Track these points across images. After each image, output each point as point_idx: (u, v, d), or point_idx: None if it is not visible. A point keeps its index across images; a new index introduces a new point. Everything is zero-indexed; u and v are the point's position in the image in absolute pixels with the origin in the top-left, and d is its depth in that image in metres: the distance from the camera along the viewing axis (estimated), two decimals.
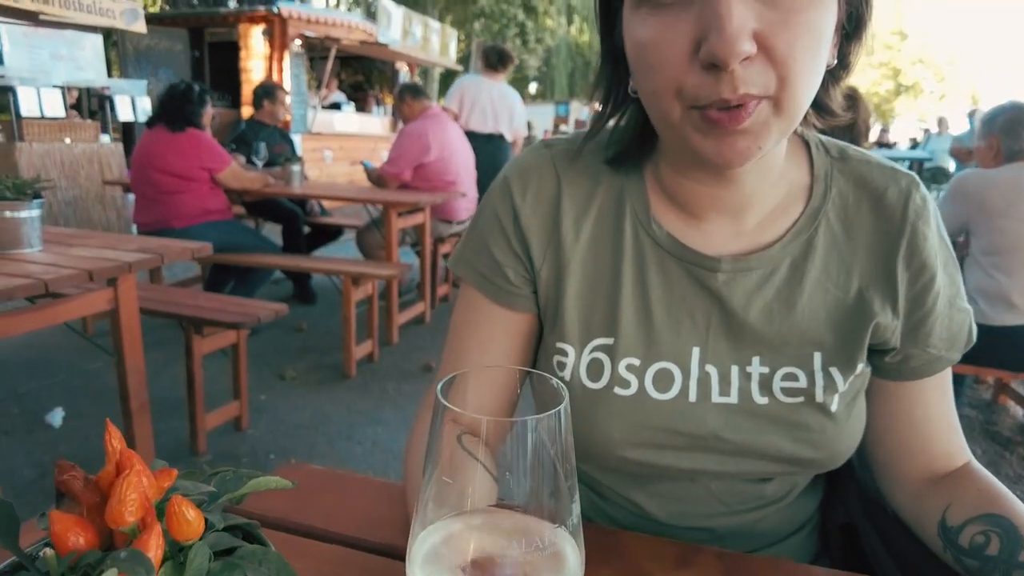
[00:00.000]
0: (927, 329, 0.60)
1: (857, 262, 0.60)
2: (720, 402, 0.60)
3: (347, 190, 3.98)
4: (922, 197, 0.60)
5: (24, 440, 2.35)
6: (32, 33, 5.01)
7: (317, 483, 0.69)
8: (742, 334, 0.60)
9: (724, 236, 0.61)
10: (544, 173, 0.64)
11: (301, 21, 8.03)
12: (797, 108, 0.49)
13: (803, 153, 0.63)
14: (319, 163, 8.44)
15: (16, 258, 1.69)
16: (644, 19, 0.49)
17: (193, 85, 3.20)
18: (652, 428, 0.60)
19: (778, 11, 0.45)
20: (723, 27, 0.43)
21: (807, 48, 0.46)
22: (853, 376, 0.60)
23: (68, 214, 4.91)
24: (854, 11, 0.52)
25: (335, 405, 2.73)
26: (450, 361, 0.67)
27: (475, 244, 0.66)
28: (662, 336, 0.61)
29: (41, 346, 3.19)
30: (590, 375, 0.61)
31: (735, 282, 0.59)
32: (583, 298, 0.62)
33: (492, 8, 21.54)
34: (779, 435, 0.59)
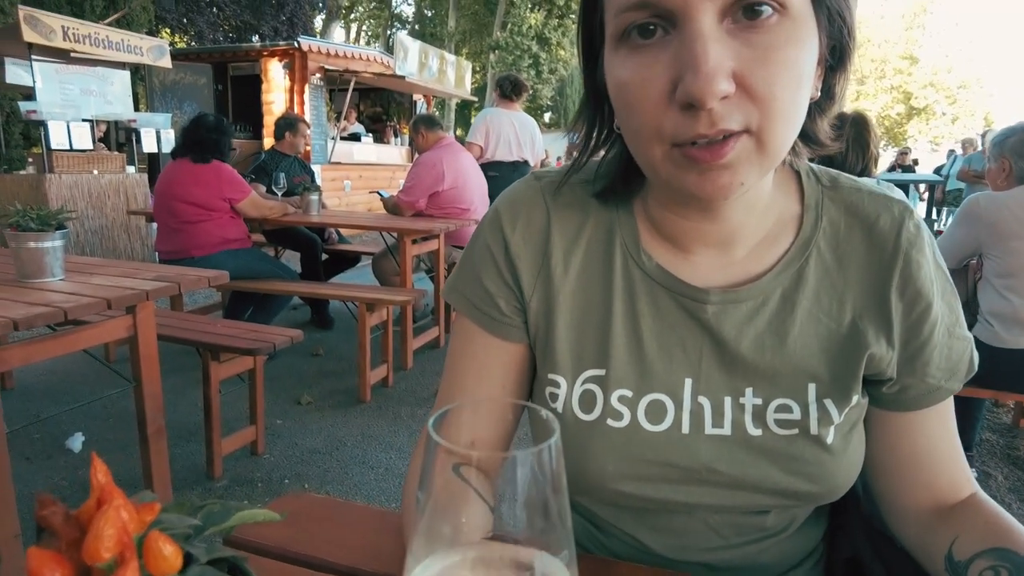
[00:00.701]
0: (925, 359, 0.59)
1: (850, 292, 0.59)
2: (713, 434, 0.59)
3: (363, 218, 4.04)
4: (916, 224, 0.59)
5: (44, 465, 2.38)
6: (64, 70, 5.19)
7: (318, 512, 0.70)
8: (734, 365, 0.59)
9: (713, 268, 0.60)
10: (534, 205, 0.64)
11: (321, 55, 8.24)
12: (779, 144, 0.49)
13: (793, 183, 0.62)
14: (339, 192, 8.58)
15: (39, 287, 1.73)
16: (623, 59, 0.49)
17: (220, 117, 3.29)
18: (645, 461, 0.59)
19: (755, 49, 0.45)
20: (699, 67, 0.43)
21: (787, 85, 0.46)
22: (848, 408, 0.59)
23: (94, 243, 5.03)
24: (836, 44, 0.52)
25: (350, 430, 2.74)
26: (447, 391, 0.67)
27: (467, 274, 0.66)
28: (654, 367, 0.60)
29: (63, 372, 3.25)
30: (583, 407, 0.61)
31: (725, 313, 0.59)
32: (574, 329, 0.62)
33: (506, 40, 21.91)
34: (774, 468, 0.58)
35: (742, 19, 0.45)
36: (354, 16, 26.57)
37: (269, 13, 14.13)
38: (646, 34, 0.47)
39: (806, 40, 0.47)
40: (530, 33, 22.27)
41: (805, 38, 0.47)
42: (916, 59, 32.36)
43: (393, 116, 11.41)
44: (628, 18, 0.47)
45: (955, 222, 2.28)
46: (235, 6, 13.89)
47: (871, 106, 32.42)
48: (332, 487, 2.31)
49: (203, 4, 13.55)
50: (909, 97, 32.07)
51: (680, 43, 0.45)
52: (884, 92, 32.58)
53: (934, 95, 31.91)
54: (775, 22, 0.45)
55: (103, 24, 5.84)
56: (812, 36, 0.48)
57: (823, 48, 0.50)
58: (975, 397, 2.31)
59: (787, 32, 0.46)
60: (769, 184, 0.58)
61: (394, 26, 27.16)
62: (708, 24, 0.44)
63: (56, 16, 4.99)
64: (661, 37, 0.47)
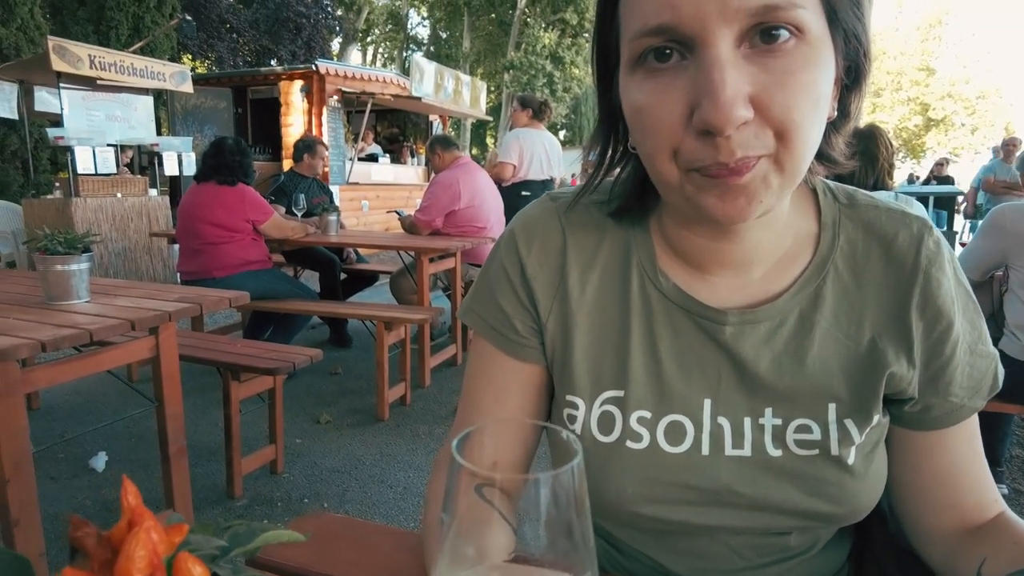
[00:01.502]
0: (948, 378, 0.58)
1: (868, 311, 0.58)
2: (733, 455, 0.58)
3: (381, 237, 4.08)
4: (935, 241, 0.58)
5: (69, 485, 2.41)
6: (90, 97, 5.33)
7: (338, 532, 0.70)
8: (753, 386, 0.59)
9: (730, 288, 0.60)
10: (549, 226, 0.64)
11: (338, 78, 8.38)
12: (798, 166, 0.48)
13: (810, 201, 0.62)
14: (357, 212, 8.67)
15: (65, 309, 1.77)
16: (640, 83, 0.48)
17: (240, 140, 3.36)
18: (665, 483, 0.59)
19: (773, 74, 0.45)
20: (716, 95, 0.43)
21: (805, 108, 0.46)
22: (869, 428, 0.58)
23: (118, 264, 5.13)
24: (852, 64, 0.52)
25: (368, 448, 2.74)
26: (465, 412, 0.67)
27: (484, 296, 0.66)
28: (673, 388, 0.60)
29: (88, 392, 3.30)
30: (601, 429, 0.60)
31: (743, 334, 0.58)
32: (591, 350, 0.62)
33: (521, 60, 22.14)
34: (795, 489, 0.57)
35: (759, 43, 0.45)
36: (370, 39, 27.02)
37: (287, 37, 14.43)
38: (662, 58, 0.47)
39: (823, 63, 0.47)
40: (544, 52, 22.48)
41: (822, 61, 0.47)
42: (933, 70, 32.14)
43: (410, 136, 11.55)
44: (645, 43, 0.47)
45: (980, 233, 2.25)
46: (254, 31, 14.21)
47: (888, 118, 32.21)
48: (351, 506, 2.31)
49: (223, 30, 13.88)
50: (927, 109, 31.82)
51: (697, 68, 0.45)
52: (901, 104, 32.37)
53: (952, 106, 31.62)
54: (792, 46, 0.45)
55: (128, 52, 6.00)
56: (829, 58, 0.48)
57: (839, 68, 0.50)
58: (1004, 412, 2.26)
59: (804, 56, 0.45)
60: (787, 203, 0.58)
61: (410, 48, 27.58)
62: (725, 50, 0.44)
63: (83, 45, 5.13)
64: (678, 61, 0.47)
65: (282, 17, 14.29)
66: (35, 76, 5.40)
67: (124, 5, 8.04)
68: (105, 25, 7.99)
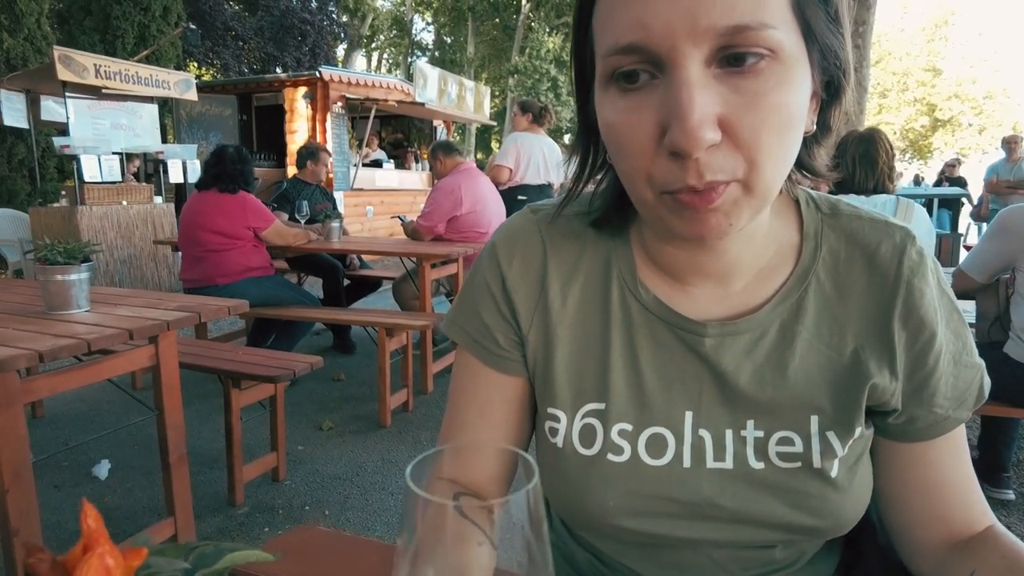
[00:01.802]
0: (931, 389, 0.57)
1: (851, 321, 0.58)
2: (715, 467, 0.58)
3: (383, 243, 4.09)
4: (918, 252, 0.58)
5: (72, 493, 2.42)
6: (96, 106, 5.37)
7: (327, 546, 0.70)
8: (735, 398, 0.58)
9: (710, 300, 0.60)
10: (530, 238, 0.64)
11: (342, 84, 8.41)
12: (768, 188, 0.48)
13: (792, 211, 0.62)
14: (361, 218, 8.69)
15: (65, 319, 1.77)
16: (613, 100, 0.48)
17: (240, 147, 3.37)
18: (647, 496, 0.58)
19: (743, 95, 0.44)
20: (685, 117, 0.43)
21: (774, 129, 0.45)
22: (852, 440, 0.57)
23: (123, 272, 5.15)
24: (831, 78, 0.51)
25: (370, 455, 2.74)
26: (450, 426, 0.67)
27: (466, 308, 0.66)
28: (654, 400, 0.59)
29: (92, 400, 3.31)
30: (583, 441, 0.60)
31: (724, 346, 0.58)
32: (572, 363, 0.62)
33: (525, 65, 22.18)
34: (777, 502, 0.57)
35: (730, 64, 0.44)
36: (375, 45, 27.14)
37: (292, 44, 14.51)
38: (633, 79, 0.47)
39: (796, 81, 0.46)
40: (548, 57, 22.53)
41: (795, 79, 0.46)
42: (939, 71, 31.98)
43: (414, 142, 11.58)
44: (616, 61, 0.47)
45: (986, 235, 2.23)
46: (259, 39, 14.29)
47: (894, 119, 32.06)
48: (352, 513, 2.30)
49: (228, 38, 13.97)
50: (933, 109, 31.65)
51: (667, 89, 0.45)
52: (907, 105, 32.20)
53: (959, 106, 31.44)
54: (764, 66, 0.44)
55: (133, 60, 6.04)
56: (803, 75, 0.47)
57: (816, 83, 0.50)
58: (1011, 418, 2.24)
59: (776, 76, 0.45)
60: (766, 216, 0.58)
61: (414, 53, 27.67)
62: (695, 71, 0.44)
63: (89, 55, 5.17)
64: (648, 81, 0.46)
65: (287, 24, 14.37)
66: (42, 85, 5.44)
67: (130, 14, 8.10)
68: (111, 34, 8.06)
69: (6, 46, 6.32)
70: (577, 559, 0.70)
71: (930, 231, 2.11)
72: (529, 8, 23.26)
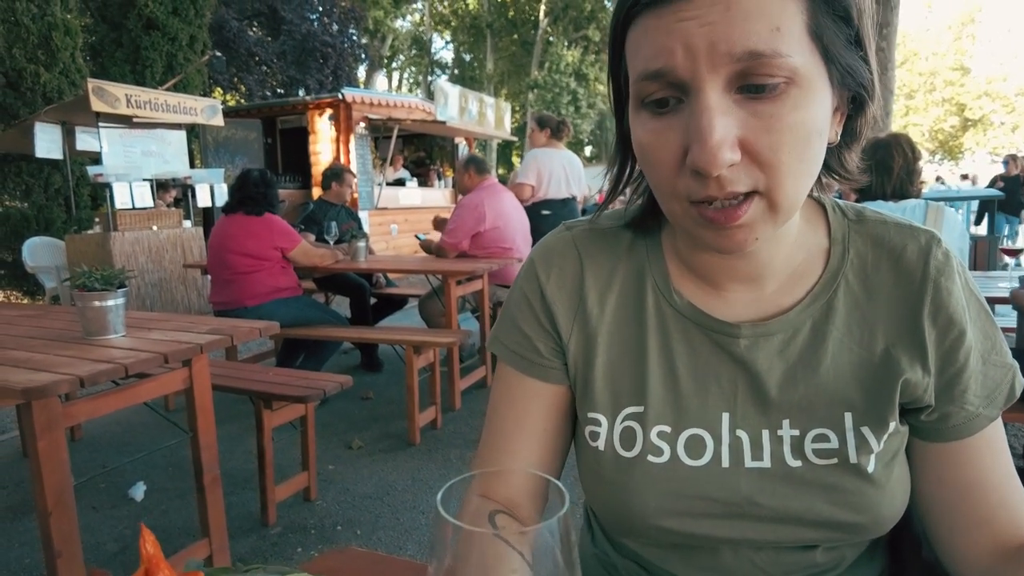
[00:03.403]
0: (962, 386, 0.58)
1: (880, 321, 0.60)
2: (753, 467, 0.59)
3: (408, 262, 4.12)
4: (944, 253, 0.60)
5: (109, 514, 2.46)
6: (127, 134, 5.52)
7: (362, 567, 0.70)
8: (769, 398, 0.60)
9: (744, 303, 0.62)
10: (566, 254, 0.67)
11: (364, 105, 8.53)
12: (791, 202, 0.51)
13: (820, 216, 0.64)
14: (386, 236, 8.79)
15: (102, 344, 1.81)
16: (644, 121, 0.52)
17: (265, 171, 3.43)
18: (687, 496, 0.60)
19: (761, 118, 0.47)
20: (705, 140, 0.46)
21: (793, 148, 0.48)
22: (887, 435, 0.59)
23: (154, 295, 5.26)
24: (855, 93, 0.53)
25: (400, 474, 2.75)
26: (489, 440, 0.69)
27: (506, 323, 0.69)
28: (690, 402, 0.62)
29: (127, 422, 3.38)
30: (623, 444, 0.62)
31: (757, 347, 0.60)
32: (611, 368, 0.64)
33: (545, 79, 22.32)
34: (816, 499, 0.58)
35: (750, 89, 0.47)
36: (395, 65, 27.53)
37: (314, 67, 14.78)
38: (662, 104, 0.50)
39: (815, 102, 0.49)
40: (568, 70, 22.64)
41: (814, 100, 0.48)
42: (967, 69, 31.40)
43: (436, 159, 11.69)
44: (646, 88, 0.50)
45: None
46: (282, 63, 14.59)
47: (922, 120, 31.52)
48: (383, 533, 2.31)
49: (252, 63, 14.29)
50: (963, 109, 31.04)
51: (690, 113, 0.48)
52: (935, 105, 31.64)
53: (990, 105, 30.80)
54: (783, 90, 0.47)
55: (162, 89, 6.21)
56: (823, 95, 0.49)
57: (838, 98, 0.52)
58: None
59: (795, 99, 0.47)
60: (796, 220, 0.60)
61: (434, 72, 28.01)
62: (715, 97, 0.47)
63: (120, 86, 5.33)
64: (675, 106, 0.50)
65: (308, 47, 14.65)
66: (76, 117, 5.61)
67: (158, 45, 8.34)
68: (141, 64, 8.29)
69: (43, 80, 6.54)
70: (619, 569, 0.71)
71: (962, 234, 2.06)
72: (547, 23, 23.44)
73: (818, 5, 0.47)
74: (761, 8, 0.45)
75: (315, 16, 15.36)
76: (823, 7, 0.47)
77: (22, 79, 6.49)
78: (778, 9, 0.45)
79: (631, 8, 0.50)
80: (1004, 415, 0.63)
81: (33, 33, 6.47)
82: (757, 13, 0.45)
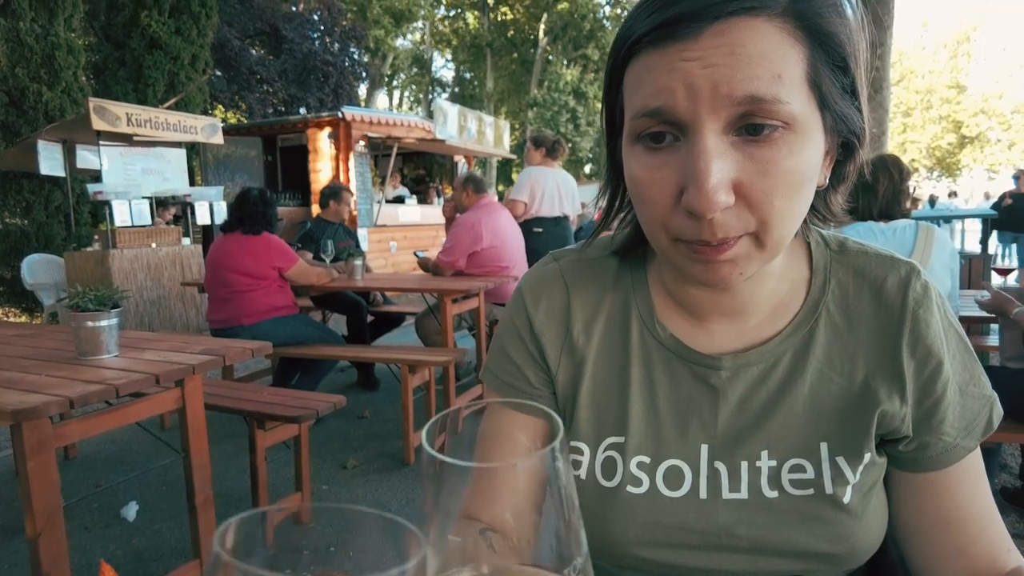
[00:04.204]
0: (940, 417, 0.59)
1: (861, 351, 0.60)
2: (731, 498, 0.60)
3: (405, 280, 4.13)
4: (922, 284, 0.60)
5: (101, 535, 2.45)
6: (127, 152, 5.56)
7: None
8: (748, 428, 0.61)
9: (726, 335, 0.63)
10: (553, 285, 0.68)
11: (364, 123, 8.59)
12: (778, 242, 0.52)
13: (803, 248, 0.65)
14: (385, 253, 8.80)
15: (95, 364, 1.82)
16: (639, 156, 0.52)
17: (264, 190, 3.45)
18: (665, 526, 0.60)
19: (757, 163, 0.48)
20: (701, 183, 0.47)
21: (785, 193, 0.49)
22: (862, 466, 0.59)
23: (152, 313, 5.27)
24: (846, 140, 0.54)
25: (394, 494, 2.74)
26: None
27: (497, 354, 0.70)
28: (670, 434, 0.62)
29: (122, 441, 3.37)
30: (604, 473, 0.63)
31: (738, 378, 0.61)
32: (595, 398, 0.65)
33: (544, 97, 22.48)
34: (793, 529, 0.58)
35: (746, 133, 0.48)
36: (396, 83, 27.77)
37: (315, 85, 14.89)
38: (658, 139, 0.50)
39: (808, 148, 0.49)
40: (567, 89, 22.80)
41: (807, 146, 0.49)
42: (963, 87, 31.64)
43: (436, 177, 11.75)
44: (643, 124, 0.50)
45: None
46: (283, 81, 14.70)
47: (919, 137, 31.71)
48: None
49: (253, 81, 14.40)
50: (959, 126, 31.24)
51: (688, 153, 0.48)
52: (932, 122, 31.85)
53: (986, 122, 31.01)
54: (779, 136, 0.48)
55: (163, 108, 6.26)
56: (816, 141, 0.50)
57: (830, 143, 0.53)
58: None
59: (789, 144, 0.48)
60: (780, 257, 0.61)
61: (435, 90, 28.23)
62: (713, 139, 0.47)
63: (122, 104, 5.37)
64: (671, 143, 0.50)
65: (309, 66, 14.77)
66: (77, 135, 5.65)
67: (160, 64, 8.42)
68: (143, 83, 8.36)
69: (45, 99, 6.60)
70: None
71: (953, 255, 2.07)
72: (547, 42, 23.66)
73: (818, 54, 0.48)
74: (764, 54, 0.46)
75: (316, 35, 15.52)
76: (823, 56, 0.48)
77: (25, 97, 6.54)
78: (780, 56, 0.46)
79: (634, 43, 0.49)
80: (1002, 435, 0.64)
81: (36, 52, 6.53)
82: (760, 59, 0.46)
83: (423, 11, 23.20)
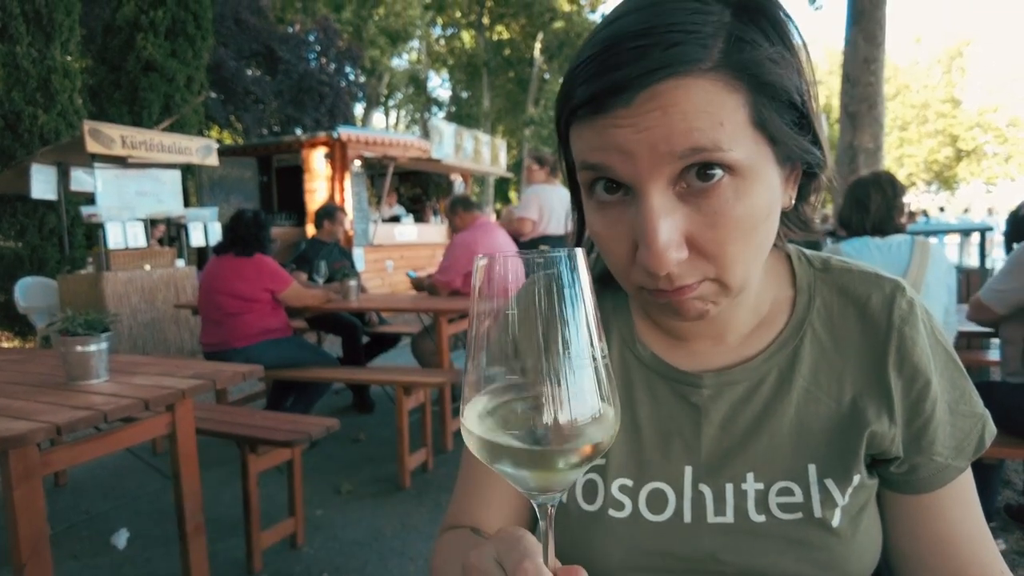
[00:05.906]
0: (930, 437, 0.58)
1: (848, 371, 0.59)
2: (716, 522, 0.58)
3: (400, 300, 4.11)
4: (908, 302, 0.59)
5: (89, 564, 2.40)
6: (121, 174, 5.55)
7: None
8: (732, 450, 0.59)
9: (709, 354, 0.62)
10: None
11: (360, 143, 8.62)
12: (741, 282, 0.51)
13: (784, 265, 0.64)
14: (381, 272, 8.79)
15: (84, 389, 1.79)
16: (594, 210, 0.52)
17: (258, 212, 3.44)
18: (648, 552, 0.59)
19: (706, 215, 0.47)
20: (650, 243, 0.47)
21: (738, 240, 0.48)
22: (851, 488, 0.57)
23: (146, 336, 5.23)
24: (806, 165, 0.53)
25: (389, 519, 2.69)
26: (462, 491, 0.69)
27: None
28: (652, 455, 0.61)
29: (113, 467, 3.32)
30: (585, 497, 0.61)
31: (720, 396, 0.60)
32: None
33: (540, 115, 22.63)
34: (781, 555, 0.56)
35: (693, 183, 0.47)
36: (392, 103, 27.93)
37: (311, 105, 14.97)
38: (611, 191, 0.50)
39: (758, 189, 0.48)
40: None
41: (756, 188, 0.48)
42: (958, 101, 31.92)
43: (432, 196, 11.78)
44: (589, 175, 0.50)
45: (1004, 271, 2.16)
46: (279, 101, 14.78)
47: (916, 151, 31.92)
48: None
49: (249, 102, 14.46)
50: (955, 140, 31.47)
51: (636, 211, 0.48)
52: (928, 136, 32.06)
53: (983, 135, 31.25)
54: (726, 182, 0.47)
55: (158, 129, 6.27)
56: (769, 179, 0.49)
57: (790, 168, 0.52)
58: None
59: (737, 189, 0.47)
60: (757, 280, 0.59)
61: (431, 109, 28.40)
62: (658, 198, 0.47)
63: (116, 126, 5.38)
64: (622, 196, 0.50)
65: (305, 86, 14.86)
66: (72, 157, 5.64)
67: (156, 86, 8.45)
68: (138, 105, 8.39)
69: (40, 122, 6.60)
70: None
71: (949, 269, 2.06)
72: (543, 60, 23.86)
73: (760, 98, 0.46)
74: (700, 108, 0.44)
75: (312, 56, 15.63)
76: (765, 100, 0.47)
77: (20, 121, 6.55)
78: (719, 106, 0.45)
79: (569, 116, 0.50)
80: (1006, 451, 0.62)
81: (32, 76, 6.55)
82: (696, 113, 0.44)
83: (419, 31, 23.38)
